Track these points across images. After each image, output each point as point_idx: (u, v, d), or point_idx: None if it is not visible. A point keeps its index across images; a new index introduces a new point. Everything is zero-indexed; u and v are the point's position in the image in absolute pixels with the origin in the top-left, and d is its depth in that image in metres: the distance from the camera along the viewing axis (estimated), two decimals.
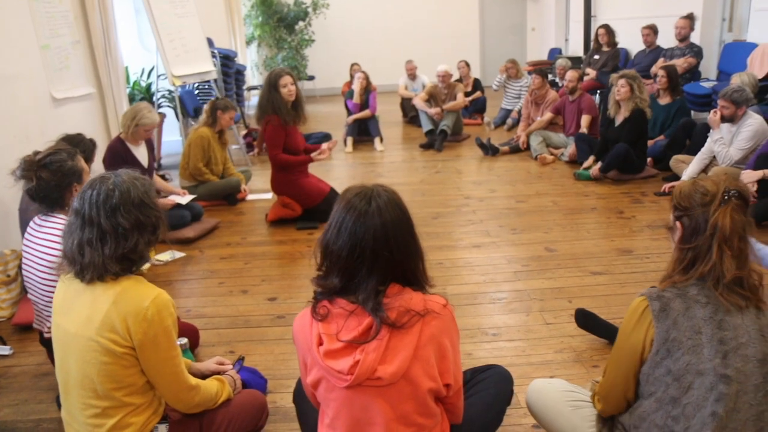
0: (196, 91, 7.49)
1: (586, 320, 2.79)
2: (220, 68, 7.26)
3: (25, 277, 2.45)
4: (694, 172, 4.74)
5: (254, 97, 9.47)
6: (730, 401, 1.45)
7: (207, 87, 7.37)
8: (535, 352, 2.72)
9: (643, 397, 1.62)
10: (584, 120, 6.20)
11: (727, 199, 1.49)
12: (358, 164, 6.68)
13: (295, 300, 3.32)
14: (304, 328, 1.58)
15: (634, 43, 7.94)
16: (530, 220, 4.47)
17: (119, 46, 5.59)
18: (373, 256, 1.51)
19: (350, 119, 7.59)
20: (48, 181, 2.35)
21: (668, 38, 7.07)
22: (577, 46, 10.12)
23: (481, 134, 7.49)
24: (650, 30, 7.33)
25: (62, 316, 1.74)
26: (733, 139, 4.54)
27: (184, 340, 2.41)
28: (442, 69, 7.68)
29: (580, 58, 8.84)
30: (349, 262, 1.52)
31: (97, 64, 5.33)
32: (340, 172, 6.30)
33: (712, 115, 4.58)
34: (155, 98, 6.61)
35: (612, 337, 2.53)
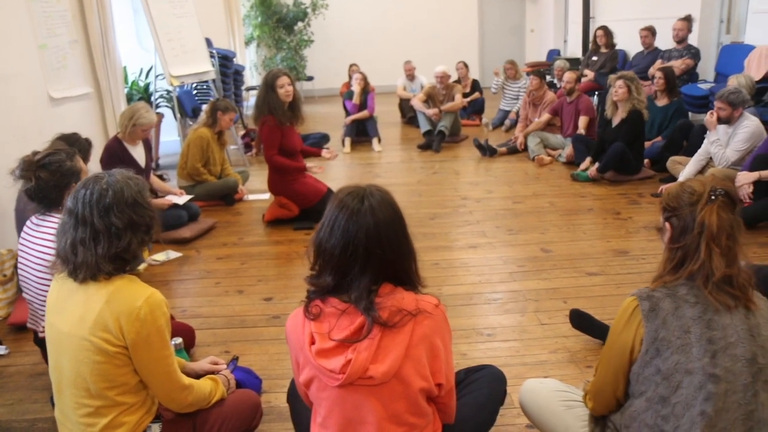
0: (195, 92, 7.50)
1: (581, 321, 2.80)
2: (218, 68, 7.27)
3: (20, 277, 2.46)
4: (691, 174, 4.74)
5: (253, 97, 9.47)
6: (719, 400, 1.46)
7: (205, 87, 7.37)
8: (529, 352, 2.73)
9: (633, 397, 1.63)
10: (582, 121, 6.21)
11: (713, 198, 1.50)
12: (356, 165, 6.69)
13: (291, 300, 3.33)
14: (297, 328, 1.59)
15: (632, 45, 7.96)
16: (527, 221, 4.48)
17: (117, 45, 5.60)
18: (366, 254, 1.51)
19: (348, 120, 7.60)
20: (47, 181, 2.36)
21: (666, 40, 7.09)
22: (575, 48, 10.14)
23: (480, 135, 7.50)
24: (648, 32, 7.35)
25: (55, 316, 1.75)
26: (730, 140, 4.54)
27: (179, 340, 2.41)
28: (440, 70, 7.68)
29: (578, 60, 8.85)
30: (341, 260, 1.53)
31: (95, 64, 5.34)
32: (338, 172, 6.31)
33: (709, 116, 4.59)
34: (153, 98, 6.62)
35: (606, 337, 2.53)
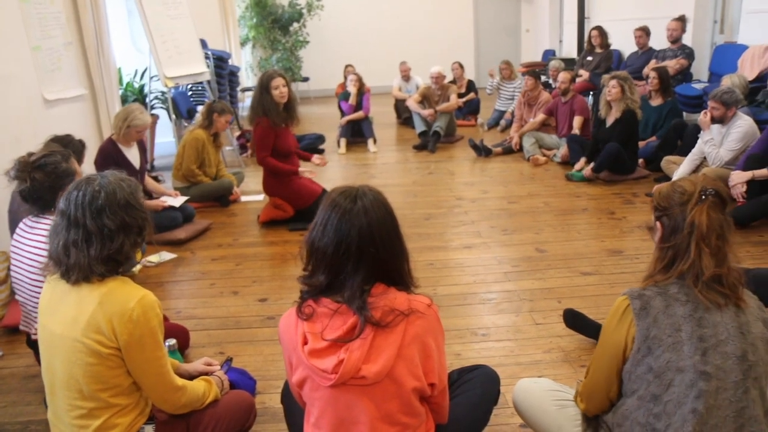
0: (190, 93, 7.49)
1: (575, 320, 2.81)
2: (213, 69, 7.26)
3: (13, 279, 2.45)
4: (685, 173, 4.75)
5: (248, 98, 9.47)
6: (710, 398, 1.47)
7: (200, 88, 7.37)
8: (523, 352, 2.73)
9: (625, 396, 1.64)
10: (576, 121, 6.22)
11: (704, 198, 1.51)
12: (352, 165, 6.69)
13: (286, 301, 3.33)
14: (290, 328, 1.59)
15: (626, 45, 7.97)
16: (521, 221, 4.48)
17: (112, 47, 5.60)
18: (359, 253, 1.52)
19: (343, 120, 7.60)
20: (42, 183, 2.36)
21: (660, 40, 7.11)
22: (570, 48, 10.16)
23: (475, 135, 7.50)
24: (642, 32, 7.37)
25: (48, 317, 1.74)
26: (723, 140, 4.56)
27: (173, 341, 2.41)
28: (436, 70, 7.69)
29: (573, 60, 8.87)
30: (334, 258, 1.53)
31: (90, 66, 5.33)
32: (333, 173, 6.31)
33: (703, 116, 4.60)
34: (148, 100, 6.61)
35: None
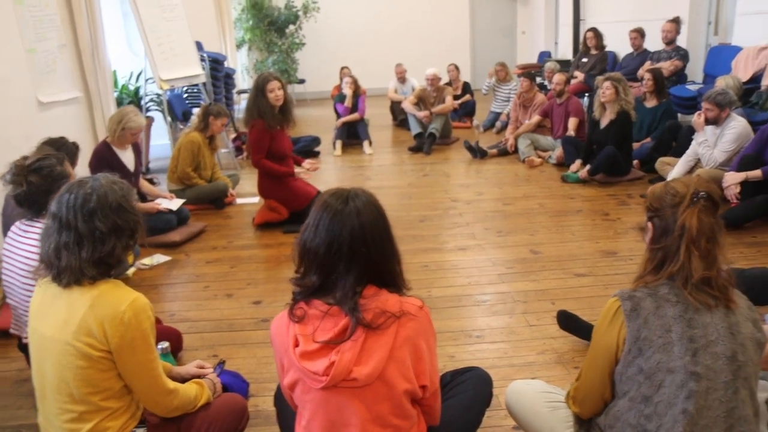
0: (185, 95, 7.48)
1: (568, 322, 2.81)
2: (209, 72, 7.26)
3: (5, 283, 2.44)
4: (680, 174, 4.76)
5: (244, 100, 9.46)
6: (701, 398, 1.47)
7: (196, 91, 7.36)
8: (517, 353, 2.73)
9: (617, 397, 1.64)
10: (572, 123, 6.23)
11: (695, 201, 1.51)
12: (347, 167, 6.69)
13: (280, 303, 3.32)
14: (281, 330, 1.59)
15: (622, 46, 8.00)
16: (516, 223, 4.49)
17: (107, 49, 5.59)
18: (350, 254, 1.52)
19: (339, 122, 7.61)
20: (38, 186, 2.36)
21: (655, 41, 7.13)
22: (566, 50, 10.19)
23: (470, 137, 7.50)
24: (637, 33, 7.39)
25: (39, 321, 1.74)
26: (717, 141, 4.57)
27: (166, 344, 2.40)
28: (431, 72, 7.70)
29: (569, 61, 8.89)
30: (326, 258, 1.53)
31: (85, 68, 5.33)
32: (329, 175, 6.31)
33: (697, 117, 4.61)
34: (143, 102, 6.60)
35: None
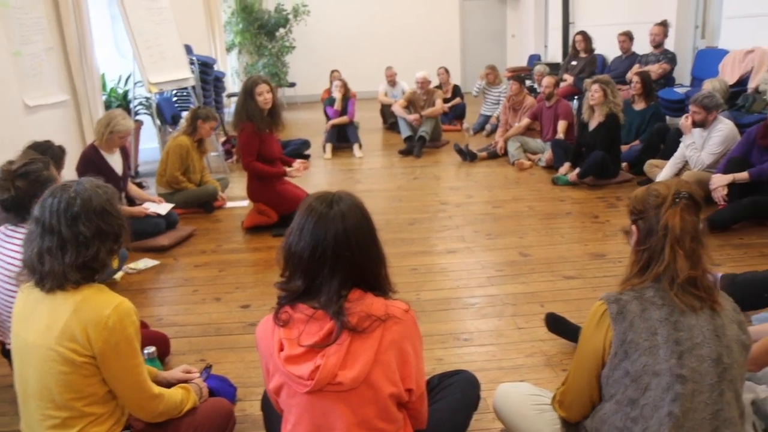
0: (174, 99, 7.45)
1: (557, 324, 2.81)
2: (198, 75, 7.24)
3: None
4: (668, 177, 4.79)
5: (234, 104, 9.45)
6: (686, 401, 1.47)
7: (185, 94, 7.34)
8: (506, 356, 2.73)
9: (603, 400, 1.64)
10: (561, 125, 6.25)
11: (677, 201, 1.52)
12: (337, 171, 6.68)
13: (269, 307, 3.29)
14: (266, 334, 1.58)
15: (610, 50, 8.04)
16: (506, 226, 4.50)
17: (95, 53, 5.56)
18: (335, 257, 1.52)
19: (328, 125, 7.60)
20: (25, 191, 2.34)
21: (644, 45, 7.18)
22: (555, 53, 10.24)
23: (461, 140, 7.52)
24: (626, 36, 7.44)
25: (21, 326, 1.72)
26: (705, 143, 4.60)
27: (152, 349, 2.37)
28: (421, 75, 7.72)
29: (558, 65, 8.93)
30: (311, 262, 1.53)
31: (72, 71, 5.30)
32: (319, 178, 6.30)
33: (684, 120, 4.65)
34: (132, 105, 6.56)
35: None
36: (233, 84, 10.96)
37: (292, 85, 12.19)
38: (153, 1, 6.36)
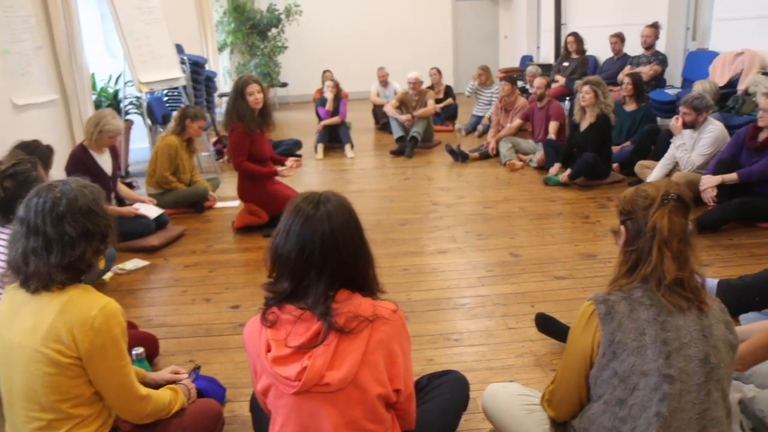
0: (165, 98, 7.42)
1: (546, 324, 2.81)
2: (189, 75, 7.20)
3: None
4: (658, 177, 4.81)
5: (225, 104, 9.42)
6: (674, 401, 1.47)
7: (176, 94, 7.30)
8: (496, 356, 2.73)
9: (592, 400, 1.64)
10: (552, 126, 6.27)
11: (665, 202, 1.52)
12: (329, 171, 6.67)
13: (258, 308, 3.28)
14: (254, 335, 1.58)
15: (602, 51, 8.08)
16: (497, 226, 4.50)
17: (84, 52, 5.53)
18: (322, 258, 1.51)
19: (320, 126, 7.59)
20: (13, 191, 2.33)
21: (635, 46, 7.21)
22: (548, 54, 10.26)
23: (452, 141, 7.52)
24: (617, 38, 7.48)
25: (6, 327, 1.70)
26: (695, 145, 4.62)
27: (141, 350, 2.36)
28: (413, 76, 7.72)
29: (550, 66, 8.96)
30: (298, 264, 1.52)
31: (61, 70, 5.26)
32: (310, 179, 6.28)
33: (674, 121, 4.67)
34: (122, 105, 6.53)
35: None
36: (225, 84, 10.93)
37: (284, 85, 12.16)
38: (143, 0, 6.33)
